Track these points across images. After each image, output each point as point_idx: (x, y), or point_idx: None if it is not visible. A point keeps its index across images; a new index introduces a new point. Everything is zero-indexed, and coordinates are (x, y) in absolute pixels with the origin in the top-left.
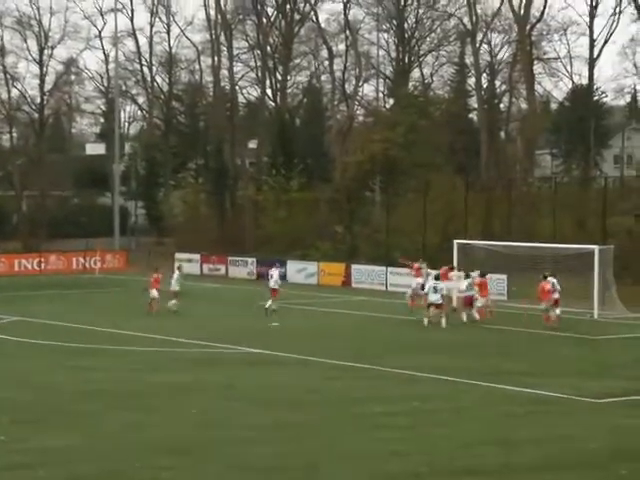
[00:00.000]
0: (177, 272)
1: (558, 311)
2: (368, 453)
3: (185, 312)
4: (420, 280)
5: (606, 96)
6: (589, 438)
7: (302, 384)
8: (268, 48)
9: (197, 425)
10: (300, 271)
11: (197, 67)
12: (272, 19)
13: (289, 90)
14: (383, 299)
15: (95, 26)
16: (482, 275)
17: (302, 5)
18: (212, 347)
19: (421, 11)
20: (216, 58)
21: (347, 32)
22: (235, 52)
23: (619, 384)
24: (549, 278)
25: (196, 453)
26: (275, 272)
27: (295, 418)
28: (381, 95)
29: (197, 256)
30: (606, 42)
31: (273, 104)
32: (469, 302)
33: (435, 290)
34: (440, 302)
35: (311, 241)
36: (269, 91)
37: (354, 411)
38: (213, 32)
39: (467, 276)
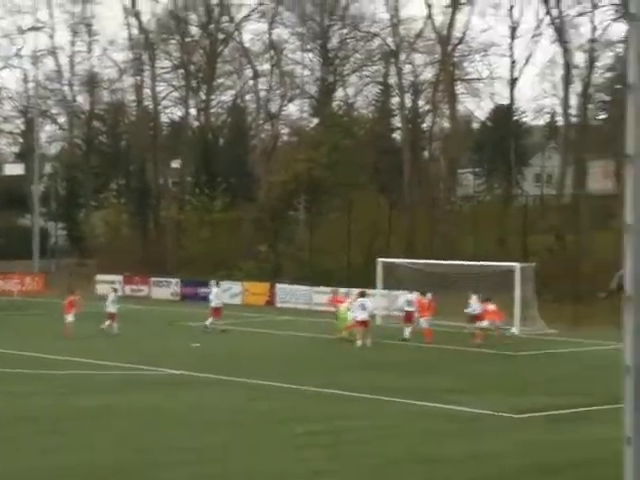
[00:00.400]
0: (113, 293)
1: (485, 324)
2: (293, 473)
3: (106, 334)
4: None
5: (526, 116)
6: (510, 454)
7: (226, 405)
8: (192, 67)
9: (119, 448)
10: (224, 291)
11: (119, 86)
12: (196, 38)
13: (213, 109)
14: (307, 318)
15: (14, 44)
16: (422, 294)
17: (226, 24)
18: (135, 369)
19: (345, 31)
20: (139, 77)
21: (271, 52)
22: (158, 71)
23: (539, 399)
24: (473, 298)
25: (117, 477)
26: (213, 290)
27: (219, 439)
28: (305, 115)
29: (119, 277)
30: (526, 63)
31: (197, 123)
32: (409, 319)
33: (363, 308)
34: (367, 320)
35: (235, 261)
36: (193, 110)
37: (278, 431)
38: (136, 51)
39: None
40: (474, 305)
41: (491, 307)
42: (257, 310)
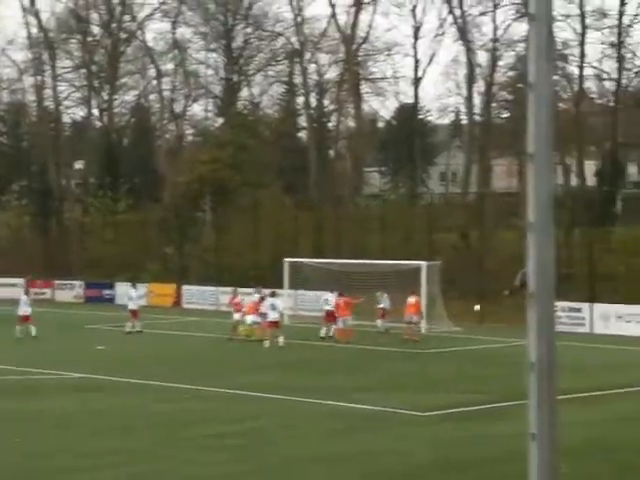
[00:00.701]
0: (24, 296)
1: (379, 323)
2: (201, 476)
3: (8, 338)
4: (237, 316)
5: (431, 115)
6: (415, 451)
7: (132, 408)
8: (94, 67)
9: (22, 455)
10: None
11: (19, 86)
12: (97, 38)
13: (116, 110)
14: (214, 319)
15: None
16: (340, 295)
17: (128, 24)
18: (38, 374)
19: (249, 30)
20: (39, 77)
21: (175, 51)
22: (59, 71)
23: (446, 397)
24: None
25: None
26: (133, 293)
27: (125, 444)
28: (210, 114)
29: (22, 280)
30: (429, 62)
31: (100, 124)
32: (331, 318)
33: (273, 308)
34: (278, 320)
35: (141, 262)
36: (95, 111)
37: (186, 434)
38: (35, 51)
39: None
40: (385, 301)
41: (411, 301)
42: (163, 311)
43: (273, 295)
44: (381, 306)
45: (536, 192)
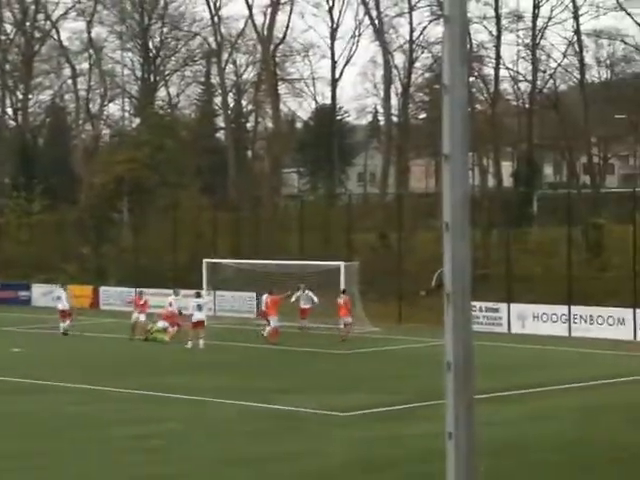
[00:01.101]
0: None
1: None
2: (123, 477)
3: None
4: (142, 317)
5: (349, 115)
6: (336, 452)
7: (48, 411)
8: (7, 66)
9: None
10: (45, 294)
11: None
12: (11, 37)
13: (31, 109)
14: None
15: None
16: (270, 293)
17: (43, 23)
18: None
19: (166, 30)
20: None
21: (90, 50)
22: None
23: (364, 398)
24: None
25: None
26: (62, 294)
27: (41, 447)
28: (127, 114)
29: None
30: (347, 63)
31: (14, 123)
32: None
33: (200, 308)
34: (203, 320)
35: (57, 263)
36: (9, 110)
37: (105, 436)
38: None
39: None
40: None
41: (339, 301)
42: (80, 313)
43: (198, 296)
44: (307, 306)
45: (452, 193)
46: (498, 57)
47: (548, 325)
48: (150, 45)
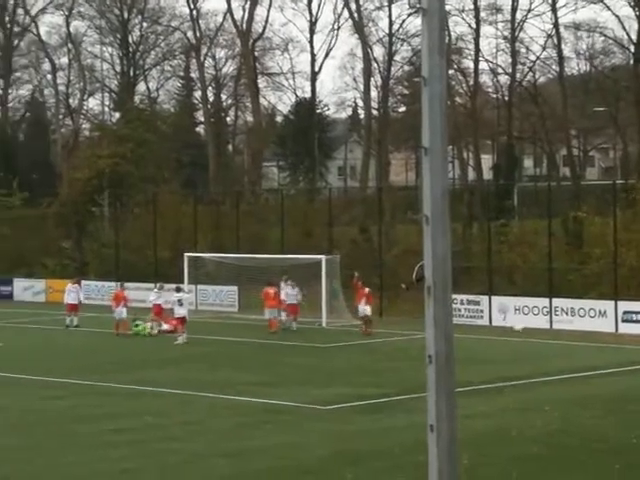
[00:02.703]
0: None
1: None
2: (97, 473)
3: None
4: (124, 312)
5: (328, 109)
6: (316, 445)
7: (25, 405)
8: None
9: None
10: (27, 289)
11: None
12: None
13: (10, 104)
14: (113, 315)
15: None
16: (269, 285)
17: (22, 17)
18: None
19: (145, 25)
20: None
21: (70, 45)
22: None
23: (345, 391)
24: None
25: None
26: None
27: (15, 441)
28: (107, 109)
29: None
30: (326, 57)
31: None
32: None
33: (180, 303)
34: (184, 315)
35: (38, 258)
36: None
37: (80, 430)
38: None
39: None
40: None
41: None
42: (62, 308)
43: (178, 290)
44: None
45: (431, 186)
46: (477, 50)
47: (530, 317)
48: (130, 40)
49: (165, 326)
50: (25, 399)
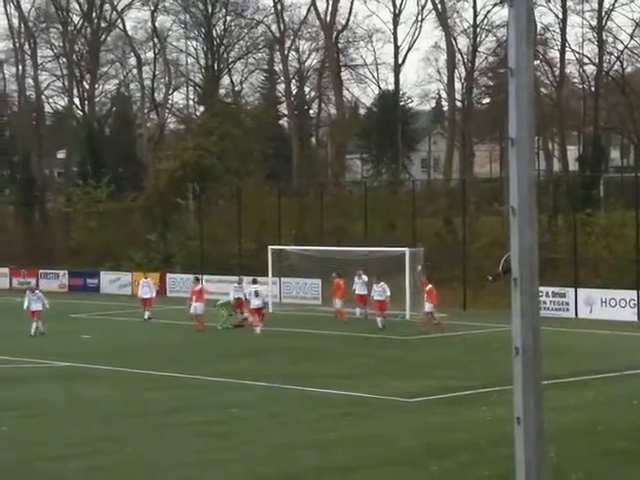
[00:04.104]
0: (30, 293)
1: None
2: (188, 462)
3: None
4: (200, 307)
5: (412, 101)
6: (400, 437)
7: (117, 397)
8: (74, 56)
9: (10, 443)
10: (113, 282)
11: (0, 76)
12: (78, 27)
13: (97, 99)
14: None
15: None
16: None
17: (108, 13)
18: (23, 362)
19: (229, 18)
20: (20, 67)
21: (155, 39)
22: (40, 60)
23: (428, 383)
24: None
25: (6, 473)
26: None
27: (111, 431)
28: (191, 103)
29: (6, 270)
30: (410, 49)
31: (81, 113)
32: (381, 307)
33: (257, 295)
34: (262, 307)
35: (124, 251)
36: (77, 100)
37: (172, 421)
38: (16, 40)
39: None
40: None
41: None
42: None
43: (254, 282)
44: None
45: (518, 177)
46: (564, 40)
47: (616, 310)
48: (214, 33)
49: (246, 315)
50: (121, 391)
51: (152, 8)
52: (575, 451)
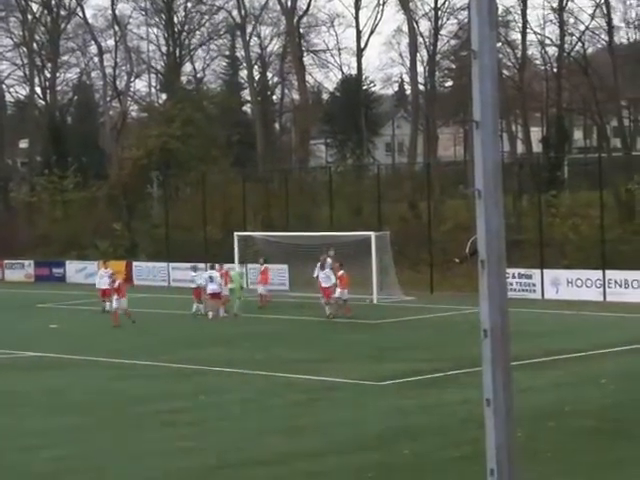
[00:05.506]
0: None
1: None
2: (157, 451)
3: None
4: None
5: (375, 85)
6: (372, 421)
7: (85, 385)
8: (35, 45)
9: None
10: (80, 271)
11: None
12: (37, 15)
13: (59, 88)
14: (165, 295)
15: None
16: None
17: (68, 1)
18: None
19: (190, 5)
20: None
21: (115, 27)
22: (0, 50)
23: (398, 366)
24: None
25: None
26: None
27: (80, 421)
28: (154, 90)
29: None
30: (372, 33)
31: (43, 102)
32: (326, 293)
33: (212, 280)
34: (218, 292)
35: (90, 240)
36: (38, 89)
37: (140, 410)
38: None
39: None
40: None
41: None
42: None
43: (212, 268)
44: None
45: (483, 159)
46: (525, 21)
47: (582, 290)
48: (175, 20)
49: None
50: (89, 380)
51: None
52: (545, 431)
